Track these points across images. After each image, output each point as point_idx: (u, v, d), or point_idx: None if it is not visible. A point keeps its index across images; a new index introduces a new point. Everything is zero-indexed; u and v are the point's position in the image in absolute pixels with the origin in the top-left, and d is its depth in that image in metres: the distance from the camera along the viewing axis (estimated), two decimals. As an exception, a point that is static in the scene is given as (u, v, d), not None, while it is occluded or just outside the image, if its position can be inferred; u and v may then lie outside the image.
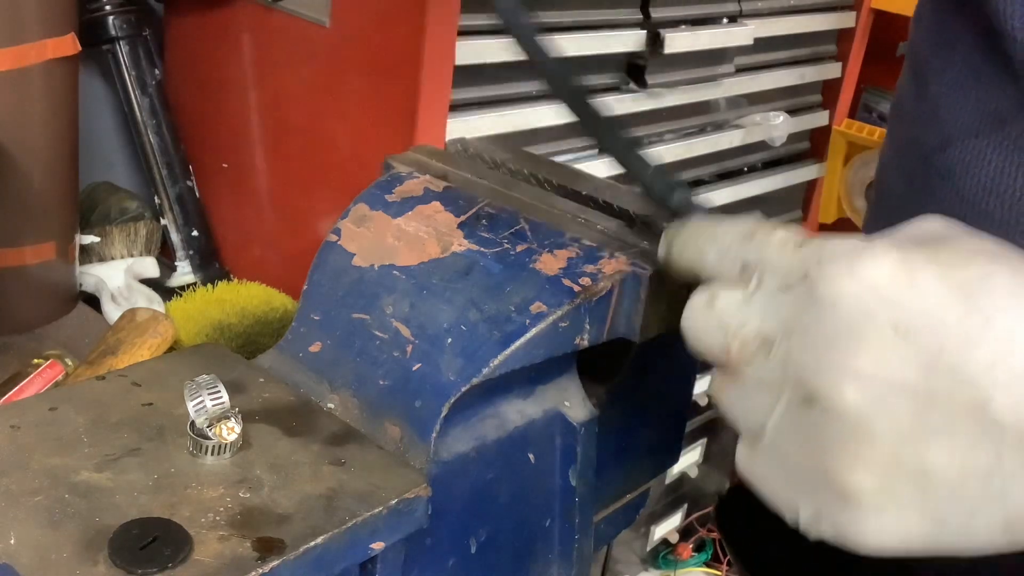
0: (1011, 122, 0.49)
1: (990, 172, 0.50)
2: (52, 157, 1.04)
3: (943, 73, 0.54)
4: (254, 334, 1.00)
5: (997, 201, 0.50)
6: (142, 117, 1.22)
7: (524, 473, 0.57)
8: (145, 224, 1.22)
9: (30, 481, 0.45)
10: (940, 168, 0.53)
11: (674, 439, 0.72)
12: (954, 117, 0.53)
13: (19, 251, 1.03)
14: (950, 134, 0.53)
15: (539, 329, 0.52)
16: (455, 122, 1.04)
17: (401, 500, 0.47)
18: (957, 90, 0.53)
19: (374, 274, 0.57)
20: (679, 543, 1.83)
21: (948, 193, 0.53)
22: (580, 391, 0.59)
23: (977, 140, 0.51)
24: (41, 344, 1.02)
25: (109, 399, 0.51)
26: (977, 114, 0.51)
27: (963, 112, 0.52)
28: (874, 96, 1.70)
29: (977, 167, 0.51)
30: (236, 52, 1.18)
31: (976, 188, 0.51)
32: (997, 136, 0.50)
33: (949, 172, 0.53)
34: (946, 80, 0.54)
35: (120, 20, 1.18)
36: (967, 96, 0.52)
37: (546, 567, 0.61)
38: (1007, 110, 0.50)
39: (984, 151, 0.51)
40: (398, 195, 0.61)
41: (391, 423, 0.52)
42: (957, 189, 0.52)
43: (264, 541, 0.43)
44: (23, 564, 0.41)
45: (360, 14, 1.03)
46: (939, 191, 0.53)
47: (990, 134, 0.50)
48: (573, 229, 0.59)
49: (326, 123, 1.10)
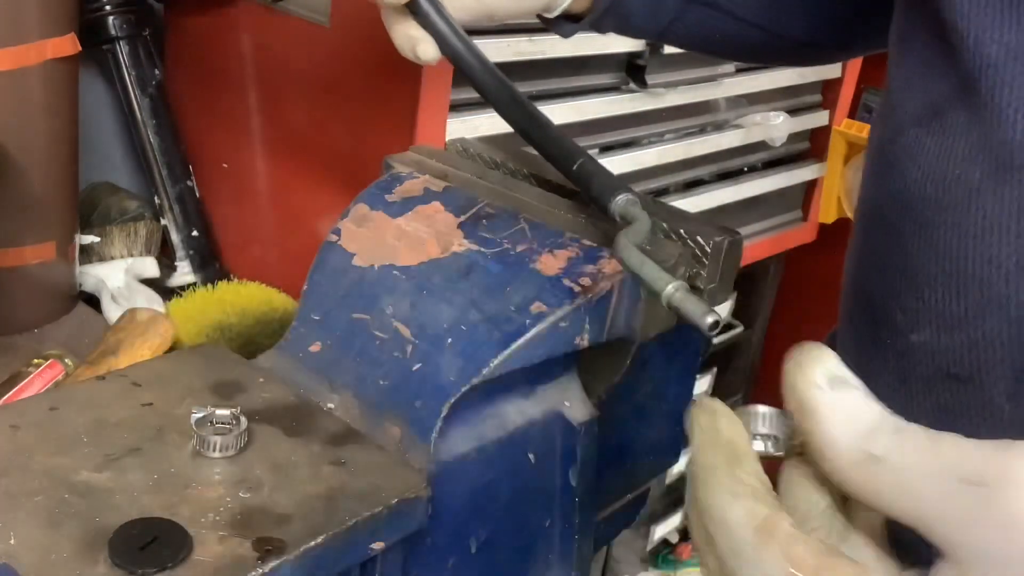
0: (947, 111, 0.51)
1: (928, 159, 0.52)
2: (52, 157, 1.04)
3: (900, 67, 0.57)
4: (254, 334, 1.00)
5: (934, 186, 0.51)
6: (142, 117, 1.22)
7: (524, 473, 0.57)
8: (145, 224, 1.22)
9: (30, 481, 0.45)
10: (889, 157, 0.56)
11: (674, 439, 0.72)
12: (904, 108, 0.55)
13: (19, 251, 1.03)
14: (900, 124, 0.55)
15: (539, 329, 0.52)
16: (455, 122, 1.04)
17: (401, 500, 0.47)
18: (908, 82, 0.56)
19: (374, 274, 0.57)
20: (679, 543, 1.83)
21: (897, 180, 0.55)
22: (580, 391, 0.59)
23: (919, 129, 0.53)
24: (41, 344, 1.02)
25: (109, 399, 0.51)
26: (920, 104, 0.54)
27: (911, 103, 0.55)
28: (874, 96, 1.70)
29: (918, 154, 0.53)
30: (236, 52, 1.18)
31: (916, 174, 0.53)
32: (936, 124, 0.52)
33: (896, 160, 0.55)
34: (902, 73, 0.57)
35: (120, 20, 1.18)
36: (915, 88, 0.55)
37: (546, 567, 0.61)
38: (946, 100, 0.52)
39: (923, 139, 0.53)
40: (398, 195, 0.61)
41: (391, 423, 0.52)
42: (903, 176, 0.54)
43: (264, 541, 0.43)
44: (23, 564, 0.41)
45: (360, 14, 1.03)
46: (890, 179, 0.56)
47: (929, 123, 0.53)
48: (573, 229, 0.59)
49: (326, 123, 1.10)
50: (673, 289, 0.46)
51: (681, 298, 0.46)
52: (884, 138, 0.57)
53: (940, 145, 0.52)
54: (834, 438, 0.34)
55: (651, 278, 0.47)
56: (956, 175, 0.51)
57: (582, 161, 0.52)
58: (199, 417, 0.48)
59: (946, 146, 0.51)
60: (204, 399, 0.52)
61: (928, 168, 0.52)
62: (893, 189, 0.56)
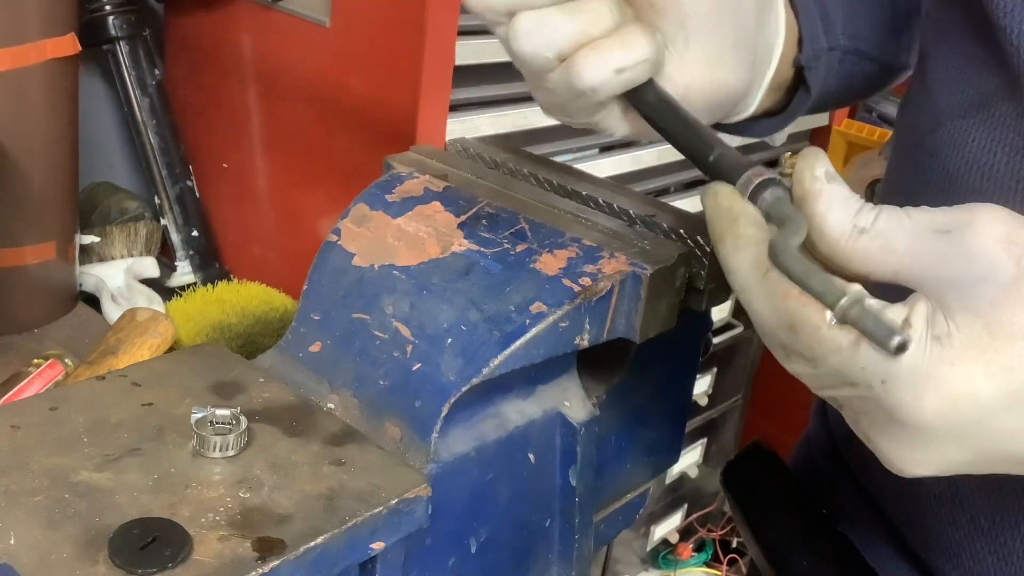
0: (995, 105, 0.52)
1: (973, 149, 0.53)
2: (52, 157, 1.04)
3: (940, 60, 0.57)
4: (254, 334, 1.00)
5: (978, 175, 0.53)
6: (142, 117, 1.22)
7: (524, 473, 0.57)
8: (145, 224, 1.22)
9: (30, 481, 0.45)
10: (930, 147, 0.57)
11: (674, 439, 0.72)
12: (945, 100, 0.56)
13: (19, 251, 1.03)
14: (940, 116, 0.56)
15: (539, 329, 0.52)
16: (455, 122, 1.04)
17: (401, 500, 0.47)
18: (950, 76, 0.56)
19: (374, 274, 0.57)
20: (679, 543, 1.83)
21: (936, 170, 0.56)
22: (580, 391, 0.59)
23: (964, 121, 0.54)
24: (41, 344, 1.02)
25: (109, 399, 0.51)
26: (965, 98, 0.55)
27: (953, 96, 0.55)
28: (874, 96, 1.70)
29: (962, 145, 0.54)
30: (236, 52, 1.18)
31: (960, 164, 0.54)
32: (981, 116, 0.53)
33: (937, 150, 0.56)
34: (941, 67, 0.58)
35: (120, 20, 1.18)
36: (958, 81, 0.56)
37: (546, 567, 0.61)
38: (992, 94, 0.53)
39: (969, 131, 0.54)
40: (398, 195, 0.61)
41: (391, 423, 0.52)
42: (944, 166, 0.55)
43: (264, 541, 0.43)
44: (23, 564, 0.41)
45: (360, 14, 1.03)
46: (928, 169, 0.57)
47: (975, 115, 0.54)
48: (573, 229, 0.59)
49: (326, 123, 1.10)
50: (848, 303, 0.40)
51: (858, 315, 0.39)
52: (922, 129, 0.58)
53: (987, 137, 0.53)
54: (830, 216, 0.42)
55: (820, 290, 0.40)
56: (1004, 164, 0.52)
57: (720, 152, 0.49)
58: (199, 417, 0.48)
59: (993, 138, 0.52)
60: (204, 399, 0.52)
61: (973, 159, 0.53)
62: (932, 179, 0.56)
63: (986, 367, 0.39)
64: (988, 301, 0.39)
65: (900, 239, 0.41)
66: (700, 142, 0.48)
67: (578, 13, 0.47)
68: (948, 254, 0.40)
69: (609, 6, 0.48)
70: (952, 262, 0.40)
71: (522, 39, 0.48)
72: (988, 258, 0.39)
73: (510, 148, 0.71)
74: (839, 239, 0.42)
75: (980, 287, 0.39)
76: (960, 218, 0.40)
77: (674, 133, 0.49)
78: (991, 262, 0.39)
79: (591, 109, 0.51)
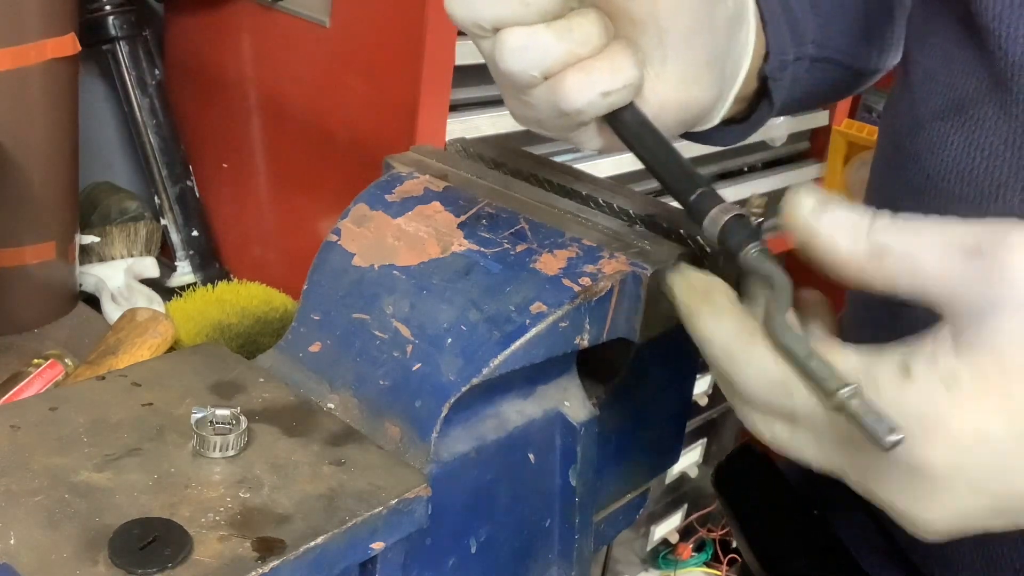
0: (974, 107, 0.52)
1: (952, 152, 0.53)
2: (52, 157, 1.04)
3: (920, 63, 0.57)
4: (254, 334, 1.00)
5: (957, 179, 0.52)
6: (142, 117, 1.22)
7: (524, 473, 0.57)
8: (145, 224, 1.22)
9: (30, 481, 0.45)
10: (910, 151, 0.56)
11: (674, 439, 0.72)
12: (925, 102, 0.56)
13: (19, 251, 1.03)
14: (921, 118, 0.56)
15: (539, 329, 0.52)
16: (455, 122, 1.04)
17: (401, 500, 0.47)
18: (930, 77, 0.56)
19: (374, 274, 0.57)
20: (679, 543, 1.83)
21: (916, 174, 0.56)
22: (580, 391, 0.59)
23: (943, 123, 0.54)
24: (41, 344, 1.02)
25: (109, 399, 0.51)
26: (945, 100, 0.54)
27: (933, 97, 0.55)
28: (874, 96, 1.70)
29: (941, 148, 0.53)
30: (236, 52, 1.18)
31: (940, 168, 0.53)
32: (960, 119, 0.52)
33: (917, 154, 0.55)
34: (922, 68, 0.57)
35: (120, 20, 1.18)
36: (938, 83, 0.55)
37: (546, 567, 0.61)
38: (972, 96, 0.52)
39: (948, 133, 0.53)
40: (398, 195, 0.61)
41: (391, 423, 0.52)
42: (924, 169, 0.55)
43: (264, 541, 0.43)
44: (23, 564, 0.41)
45: (360, 14, 1.03)
46: (909, 172, 0.56)
47: (954, 117, 0.53)
48: (573, 229, 0.59)
49: (326, 123, 1.10)
50: (848, 395, 0.38)
51: (858, 409, 0.38)
52: (902, 131, 0.57)
53: (966, 140, 0.52)
54: (837, 245, 0.40)
55: (821, 377, 0.39)
56: (983, 169, 0.51)
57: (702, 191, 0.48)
58: (199, 417, 0.48)
59: (972, 141, 0.51)
60: (204, 399, 0.52)
61: (952, 162, 0.52)
62: (912, 182, 0.55)
63: (1000, 404, 0.37)
64: (1008, 332, 0.36)
65: (928, 260, 0.38)
66: (682, 175, 0.48)
67: (567, 32, 0.46)
68: (979, 278, 0.37)
69: (598, 26, 0.46)
70: (982, 286, 0.37)
71: (508, 56, 0.46)
72: (1021, 287, 0.36)
73: (510, 148, 0.71)
74: (858, 264, 0.39)
75: (1007, 316, 0.36)
76: (991, 239, 0.37)
77: (652, 159, 0.49)
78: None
79: (570, 127, 0.50)
